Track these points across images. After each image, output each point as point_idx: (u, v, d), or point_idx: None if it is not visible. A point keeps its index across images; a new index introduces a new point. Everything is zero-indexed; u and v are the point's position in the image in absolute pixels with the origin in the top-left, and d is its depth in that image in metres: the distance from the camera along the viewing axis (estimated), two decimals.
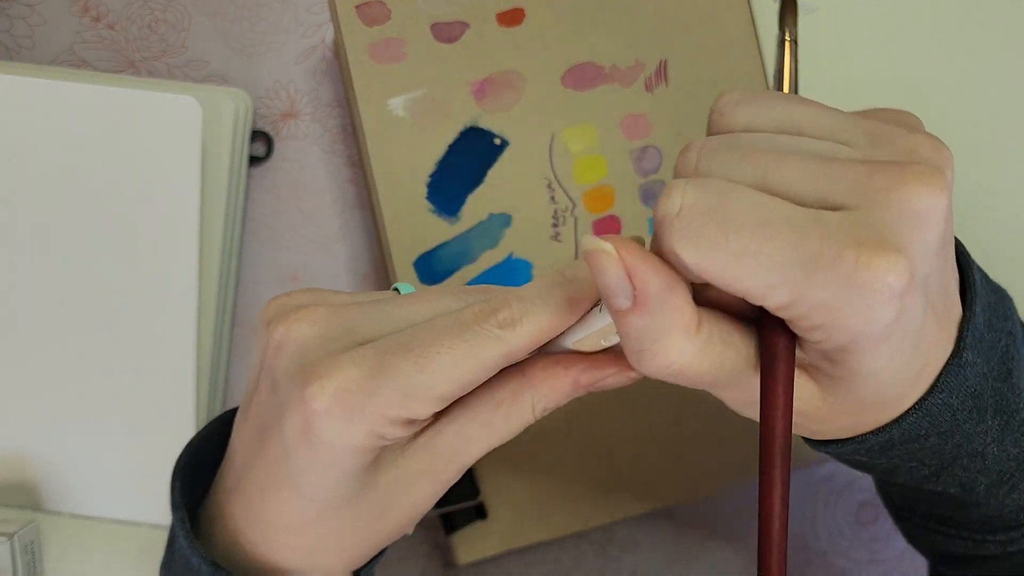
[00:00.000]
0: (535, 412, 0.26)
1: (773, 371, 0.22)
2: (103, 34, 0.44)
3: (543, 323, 0.24)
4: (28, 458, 0.42)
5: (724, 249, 0.20)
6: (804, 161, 0.21)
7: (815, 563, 0.48)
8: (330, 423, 0.24)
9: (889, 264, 0.19)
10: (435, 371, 0.23)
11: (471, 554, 0.42)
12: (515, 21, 0.41)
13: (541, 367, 0.26)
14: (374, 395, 0.23)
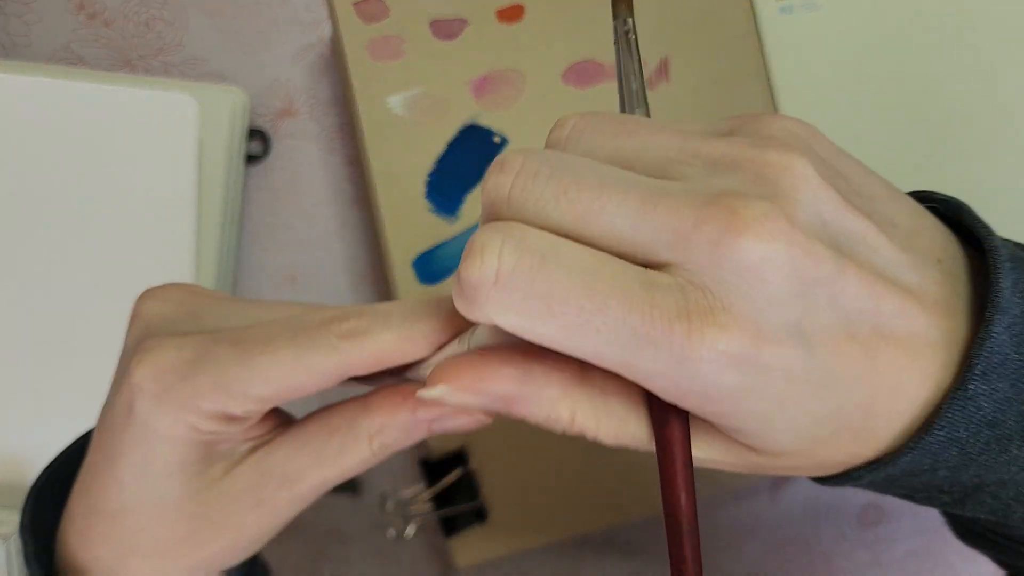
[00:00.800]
0: (372, 447, 0.24)
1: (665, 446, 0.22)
2: (99, 32, 0.44)
3: (388, 343, 0.22)
4: (25, 459, 0.42)
5: (550, 322, 0.18)
6: (625, 204, 0.19)
7: (818, 565, 0.47)
8: (143, 401, 0.23)
9: (717, 333, 0.18)
10: (255, 368, 0.22)
11: (471, 557, 0.42)
12: (515, 18, 0.41)
13: (381, 395, 0.24)
14: (187, 380, 0.22)
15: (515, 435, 0.42)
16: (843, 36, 0.44)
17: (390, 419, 0.24)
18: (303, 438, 0.24)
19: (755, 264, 0.19)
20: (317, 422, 0.25)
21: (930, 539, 0.48)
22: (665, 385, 0.19)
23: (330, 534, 0.45)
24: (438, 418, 0.24)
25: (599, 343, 0.19)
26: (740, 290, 0.19)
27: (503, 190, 0.20)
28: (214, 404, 0.22)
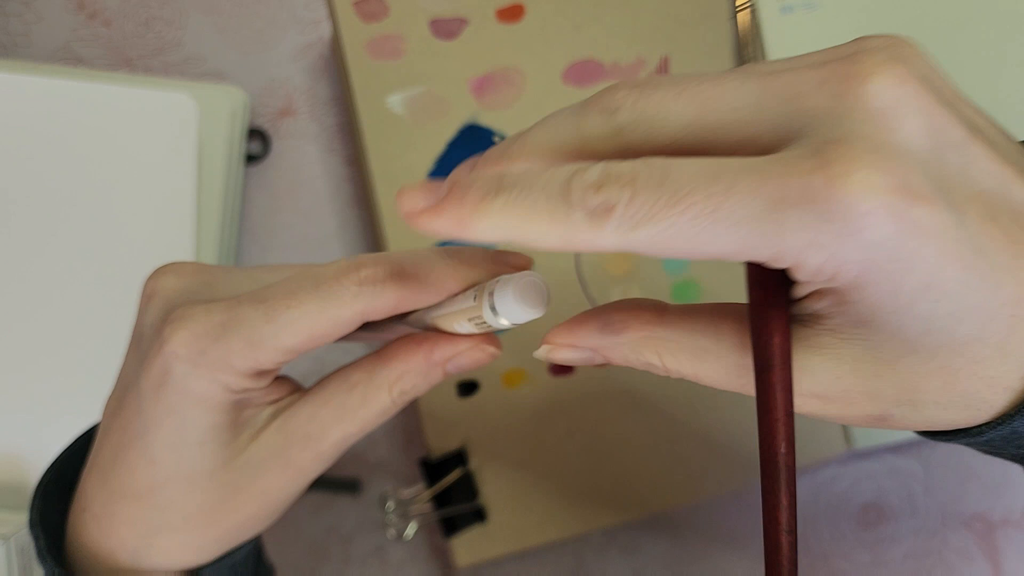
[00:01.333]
0: (391, 394, 0.25)
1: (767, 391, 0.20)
2: (99, 31, 0.44)
3: (408, 288, 0.24)
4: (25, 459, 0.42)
5: (680, 222, 0.17)
6: (746, 85, 0.18)
7: (817, 565, 0.47)
8: (181, 366, 0.23)
9: (864, 174, 0.16)
10: (283, 322, 0.23)
11: (470, 557, 0.42)
12: (515, 17, 0.41)
13: (395, 345, 0.26)
14: (220, 340, 0.23)
15: (514, 436, 0.42)
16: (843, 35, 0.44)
17: (407, 366, 0.25)
18: (324, 396, 0.25)
19: (888, 107, 0.17)
20: (336, 380, 0.25)
21: (929, 540, 0.48)
22: (818, 256, 0.17)
23: (330, 533, 0.45)
24: (452, 358, 0.25)
25: (738, 225, 0.17)
26: (878, 137, 0.17)
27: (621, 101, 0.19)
28: (246, 361, 0.23)
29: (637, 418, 0.43)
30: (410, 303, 0.24)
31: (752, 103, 0.18)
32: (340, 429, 0.25)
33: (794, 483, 0.21)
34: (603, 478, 0.43)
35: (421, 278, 0.24)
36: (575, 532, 0.43)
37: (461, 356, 0.25)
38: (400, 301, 0.24)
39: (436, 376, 0.26)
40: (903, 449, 0.48)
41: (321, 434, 0.25)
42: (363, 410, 0.25)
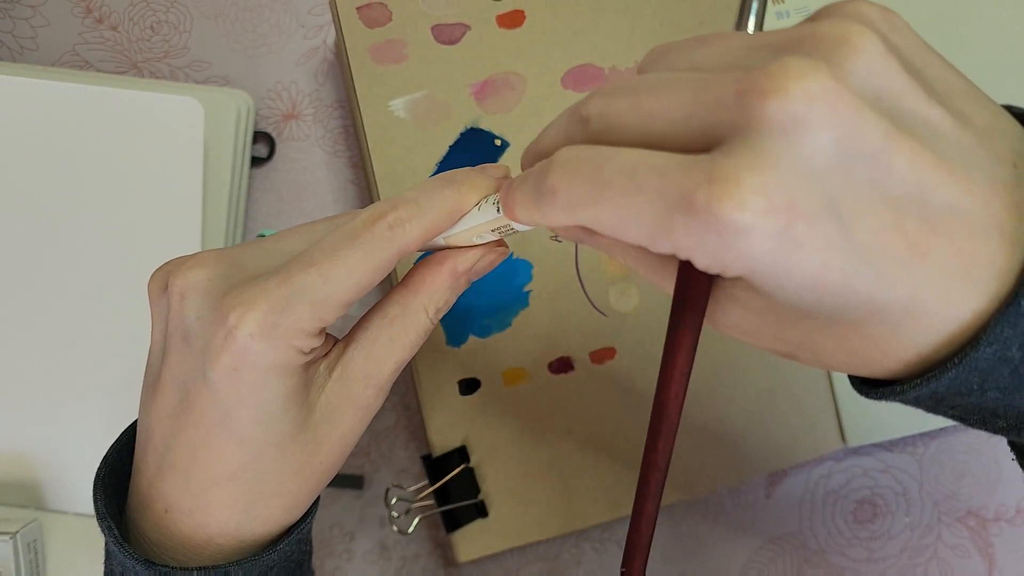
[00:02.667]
0: (429, 314, 0.28)
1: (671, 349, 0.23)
2: (106, 35, 0.45)
3: (430, 221, 0.26)
4: (30, 457, 0.42)
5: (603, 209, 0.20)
6: (679, 95, 0.19)
7: (813, 561, 0.48)
8: (257, 345, 0.25)
9: (745, 194, 0.17)
10: (338, 279, 0.25)
11: (472, 552, 0.42)
12: (515, 23, 0.41)
13: (419, 272, 0.28)
14: (289, 310, 0.25)
15: (515, 433, 0.42)
16: None
17: (435, 286, 0.28)
18: (371, 336, 0.28)
19: (787, 125, 0.17)
20: (376, 318, 0.28)
21: (924, 536, 0.48)
22: (703, 259, 0.19)
23: (334, 528, 0.46)
24: (473, 267, 0.28)
25: (642, 220, 0.19)
26: (774, 154, 0.18)
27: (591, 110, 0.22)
28: (314, 322, 0.25)
29: (635, 415, 0.43)
30: (434, 233, 0.26)
31: (685, 114, 0.19)
32: (393, 360, 0.28)
33: (674, 431, 0.24)
34: (602, 474, 0.43)
35: (436, 209, 0.26)
36: (575, 527, 0.43)
37: (480, 262, 0.28)
38: (426, 233, 0.26)
39: (462, 286, 0.28)
40: (898, 445, 0.48)
41: (378, 370, 0.27)
42: (409, 337, 0.28)
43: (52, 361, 0.41)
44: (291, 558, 0.29)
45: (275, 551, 0.28)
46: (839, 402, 0.45)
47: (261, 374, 0.25)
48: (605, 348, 0.43)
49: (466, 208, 0.27)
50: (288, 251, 0.27)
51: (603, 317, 0.43)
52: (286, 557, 0.29)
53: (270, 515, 0.28)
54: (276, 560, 0.28)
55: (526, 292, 0.42)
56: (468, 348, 0.42)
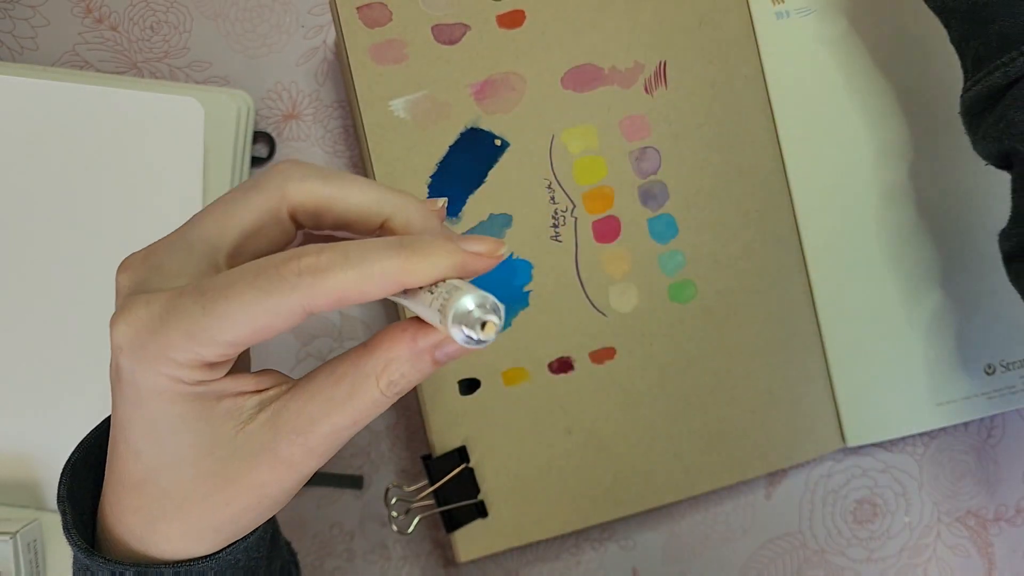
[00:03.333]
0: (380, 385, 0.24)
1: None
2: (106, 35, 0.45)
3: (352, 282, 0.22)
4: (30, 457, 0.42)
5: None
6: None
7: (813, 561, 0.48)
8: (125, 360, 0.24)
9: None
10: (219, 315, 0.22)
11: (472, 552, 0.42)
12: (515, 23, 0.41)
13: (382, 333, 0.25)
14: (158, 333, 0.23)
15: (515, 433, 0.42)
16: (838, 40, 0.45)
17: (392, 354, 0.24)
18: (312, 389, 0.25)
19: None
20: (323, 372, 0.25)
21: (924, 536, 0.48)
22: None
23: (334, 529, 0.46)
24: (439, 346, 0.24)
25: None
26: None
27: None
28: (186, 353, 0.23)
29: (635, 415, 0.43)
30: (353, 296, 0.23)
31: None
32: (329, 423, 0.24)
33: None
34: (602, 474, 0.43)
35: (366, 271, 0.22)
36: (574, 527, 0.43)
37: (448, 344, 0.24)
38: (342, 294, 0.22)
39: (425, 365, 0.24)
40: (898, 446, 0.48)
41: (310, 428, 0.24)
42: (352, 402, 0.24)
43: (52, 361, 0.41)
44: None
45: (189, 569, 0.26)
46: (839, 402, 0.45)
47: (135, 392, 0.24)
48: (605, 348, 0.43)
49: (410, 284, 0.23)
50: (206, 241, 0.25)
51: (603, 317, 0.43)
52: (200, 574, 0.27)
53: (170, 537, 0.26)
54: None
55: (526, 292, 0.42)
56: None
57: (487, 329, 0.21)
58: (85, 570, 0.27)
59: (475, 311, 0.21)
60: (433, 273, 0.23)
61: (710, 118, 0.43)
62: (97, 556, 0.26)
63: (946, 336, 0.45)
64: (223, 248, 0.25)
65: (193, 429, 0.24)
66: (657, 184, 0.43)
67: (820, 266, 0.45)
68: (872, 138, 0.45)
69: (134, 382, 0.24)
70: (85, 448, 0.29)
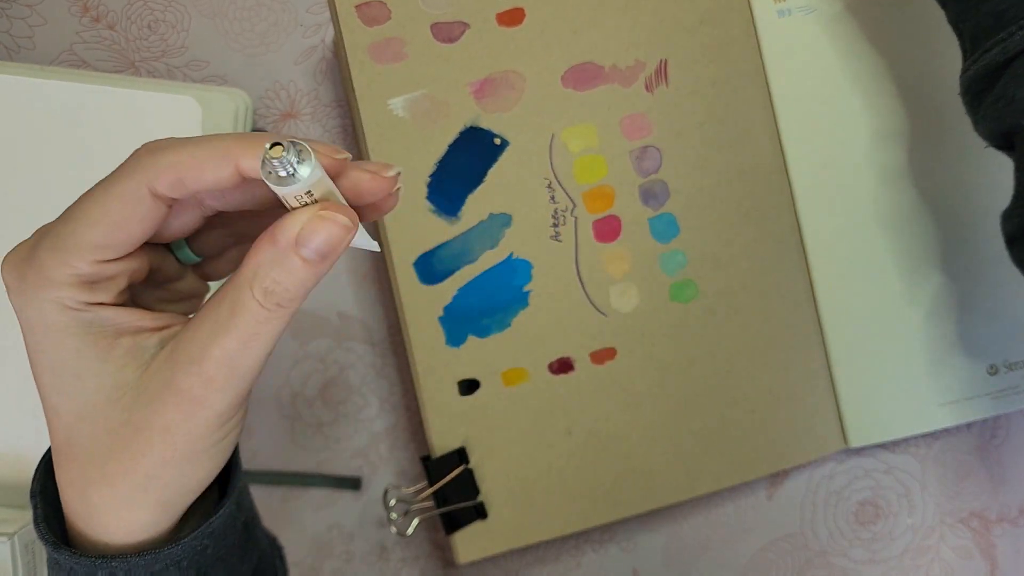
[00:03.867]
0: (256, 295, 0.23)
1: None
2: (103, 34, 0.45)
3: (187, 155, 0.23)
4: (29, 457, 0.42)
5: None
6: None
7: (815, 563, 0.48)
8: (13, 298, 0.24)
9: None
10: (76, 220, 0.23)
11: (471, 554, 0.42)
12: (515, 21, 0.41)
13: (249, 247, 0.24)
14: (31, 259, 0.23)
15: (515, 434, 0.42)
16: (840, 38, 0.44)
17: (258, 258, 0.23)
18: (201, 315, 0.24)
19: None
20: (213, 297, 0.24)
21: (927, 537, 0.48)
22: None
23: (332, 530, 0.45)
24: (301, 238, 0.23)
25: None
26: None
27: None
28: (62, 267, 0.23)
29: (635, 416, 0.43)
30: (192, 172, 0.23)
31: None
32: (218, 346, 0.23)
33: None
34: (602, 475, 0.43)
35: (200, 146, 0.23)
36: (575, 528, 0.43)
37: (309, 234, 0.23)
38: (181, 170, 0.23)
39: (294, 265, 0.23)
40: (900, 446, 0.48)
41: (201, 355, 0.23)
42: (234, 320, 0.23)
43: None
44: (191, 561, 0.26)
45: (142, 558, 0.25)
46: (841, 403, 0.45)
47: (33, 336, 0.24)
48: (605, 348, 0.43)
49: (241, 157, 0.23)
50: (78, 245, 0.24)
51: (603, 317, 0.43)
52: (175, 561, 0.26)
53: (105, 508, 0.25)
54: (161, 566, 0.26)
55: (526, 292, 0.42)
56: (468, 348, 0.42)
57: (274, 151, 0.21)
58: (55, 565, 0.26)
59: (269, 148, 0.21)
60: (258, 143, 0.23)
61: (711, 117, 0.43)
62: (63, 549, 0.25)
63: (949, 336, 0.45)
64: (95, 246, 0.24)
65: (94, 371, 0.24)
66: (658, 183, 0.43)
67: (822, 265, 0.44)
68: (874, 136, 0.44)
69: (28, 322, 0.24)
70: None
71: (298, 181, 0.22)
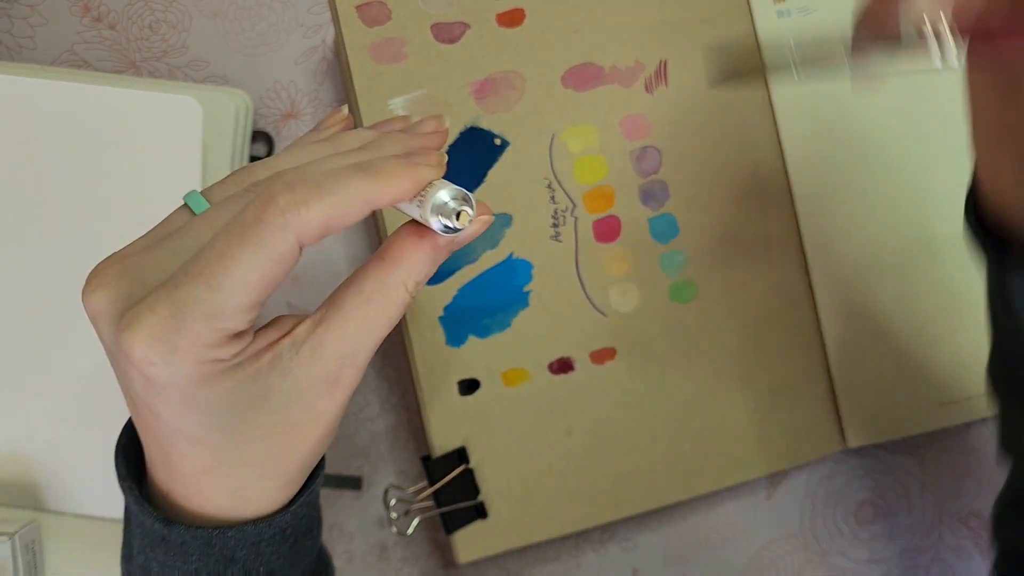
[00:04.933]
0: (408, 289, 0.26)
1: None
2: (104, 34, 0.45)
3: (334, 209, 0.24)
4: (29, 458, 0.42)
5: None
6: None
7: (814, 562, 0.48)
8: (155, 370, 0.24)
9: None
10: (230, 286, 0.23)
11: (471, 553, 0.42)
12: (515, 21, 0.41)
13: (397, 244, 0.26)
14: (181, 330, 0.23)
15: (515, 434, 0.42)
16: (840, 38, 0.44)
17: (414, 261, 0.26)
18: (344, 314, 0.26)
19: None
20: (350, 296, 0.26)
21: (926, 537, 0.48)
22: None
23: (332, 529, 0.46)
24: (455, 239, 0.26)
25: None
26: None
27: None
28: (216, 334, 0.23)
29: (635, 416, 0.43)
30: (339, 223, 0.24)
31: None
32: (372, 339, 0.26)
33: None
34: (602, 475, 0.43)
35: (341, 197, 0.24)
36: (575, 528, 0.43)
37: (461, 235, 0.26)
38: (329, 221, 0.24)
39: (443, 257, 0.27)
40: (899, 446, 0.48)
41: (355, 350, 0.26)
42: (387, 314, 0.26)
43: (50, 361, 0.41)
44: (293, 528, 0.29)
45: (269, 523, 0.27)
46: (840, 403, 0.45)
47: (179, 392, 0.24)
48: (605, 348, 0.43)
49: (381, 204, 0.25)
50: (197, 245, 0.25)
51: (603, 317, 0.43)
52: (282, 529, 0.28)
53: (262, 496, 0.27)
54: (272, 532, 0.28)
55: (526, 292, 0.42)
56: (468, 348, 0.42)
57: (461, 219, 0.25)
58: (160, 542, 0.27)
59: (450, 203, 0.25)
60: (397, 192, 0.25)
61: (711, 117, 0.43)
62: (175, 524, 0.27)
63: (948, 336, 0.45)
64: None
65: (244, 397, 0.25)
66: (658, 183, 0.43)
67: (821, 266, 0.44)
68: (873, 136, 0.45)
69: (176, 385, 0.24)
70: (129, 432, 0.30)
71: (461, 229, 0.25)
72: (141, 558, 0.28)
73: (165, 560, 0.27)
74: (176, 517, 0.28)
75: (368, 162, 0.25)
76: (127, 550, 0.30)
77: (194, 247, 0.25)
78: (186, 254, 0.25)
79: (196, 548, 0.27)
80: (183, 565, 0.27)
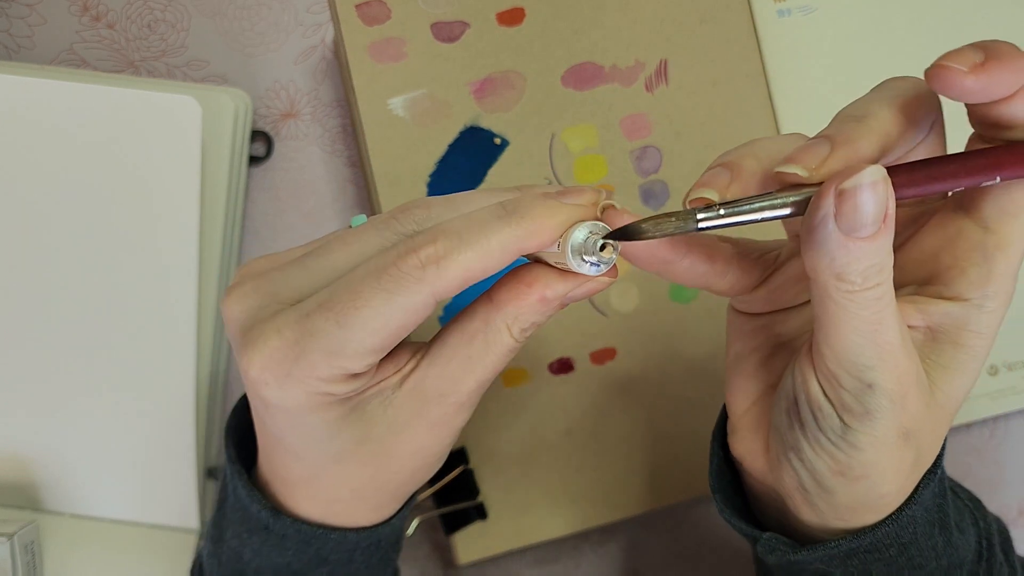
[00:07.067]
0: (513, 334, 0.26)
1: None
2: (103, 34, 0.44)
3: (474, 262, 0.23)
4: (28, 458, 0.42)
5: None
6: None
7: None
8: (268, 391, 0.24)
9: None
10: (357, 327, 0.23)
11: (471, 554, 0.42)
12: (515, 21, 0.41)
13: (506, 288, 0.25)
14: (300, 359, 0.23)
15: (515, 434, 0.42)
16: (840, 38, 0.44)
17: (521, 308, 0.25)
18: (447, 353, 0.26)
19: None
20: (455, 333, 0.26)
21: None
22: None
23: None
24: (567, 293, 0.25)
25: None
26: None
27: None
28: (332, 370, 0.23)
29: (636, 416, 0.43)
30: (479, 275, 0.23)
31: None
32: (472, 379, 0.26)
33: None
34: (602, 476, 0.43)
35: (483, 248, 0.23)
36: (575, 529, 0.43)
37: (576, 290, 0.25)
38: (468, 275, 0.23)
39: (553, 310, 0.26)
40: None
41: (455, 388, 0.26)
42: (489, 356, 0.26)
43: (50, 362, 0.41)
44: (386, 539, 0.29)
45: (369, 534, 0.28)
46: None
47: (288, 416, 0.24)
48: (605, 348, 0.43)
49: (528, 249, 0.24)
50: (333, 269, 0.24)
51: (603, 317, 0.43)
52: (377, 540, 0.29)
53: (352, 513, 0.28)
54: (368, 542, 0.29)
55: None
56: None
57: (606, 251, 0.24)
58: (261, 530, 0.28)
59: (589, 239, 0.24)
60: (546, 238, 0.24)
61: (711, 117, 0.43)
62: (282, 515, 0.28)
63: None
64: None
65: (347, 425, 0.25)
66: (658, 183, 0.43)
67: None
68: None
69: (285, 408, 0.24)
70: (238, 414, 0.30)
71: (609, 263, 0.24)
72: (235, 543, 0.29)
73: (261, 549, 0.28)
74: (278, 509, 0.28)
75: (513, 202, 0.24)
76: (217, 531, 0.30)
77: (333, 269, 0.24)
78: (319, 274, 0.24)
79: (295, 543, 0.28)
80: (277, 556, 0.28)
